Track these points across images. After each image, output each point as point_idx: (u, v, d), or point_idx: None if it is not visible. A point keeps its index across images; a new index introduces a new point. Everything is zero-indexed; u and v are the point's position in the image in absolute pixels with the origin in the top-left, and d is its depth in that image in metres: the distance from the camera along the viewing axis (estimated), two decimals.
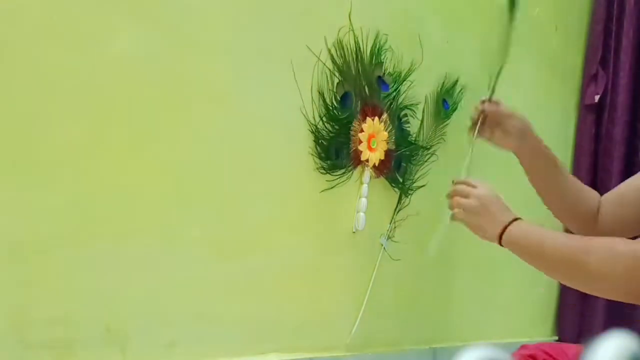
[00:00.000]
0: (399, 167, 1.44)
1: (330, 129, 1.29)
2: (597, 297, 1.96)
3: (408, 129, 1.45)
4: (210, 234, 1.13)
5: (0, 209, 0.91)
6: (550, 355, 1.18)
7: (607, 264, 0.93)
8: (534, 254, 1.05)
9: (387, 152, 1.39)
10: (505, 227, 1.08)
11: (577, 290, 2.08)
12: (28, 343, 0.93)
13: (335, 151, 1.31)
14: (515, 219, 1.09)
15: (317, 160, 1.28)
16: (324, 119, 1.28)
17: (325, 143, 1.29)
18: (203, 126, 1.12)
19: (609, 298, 1.03)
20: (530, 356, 1.18)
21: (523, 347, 1.26)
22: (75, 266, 0.97)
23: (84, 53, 0.98)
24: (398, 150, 1.43)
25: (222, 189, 1.15)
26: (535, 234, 1.05)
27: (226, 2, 1.14)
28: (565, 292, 2.03)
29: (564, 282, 1.08)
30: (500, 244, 1.09)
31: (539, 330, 1.98)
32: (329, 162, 1.30)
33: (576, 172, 2.04)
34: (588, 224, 1.26)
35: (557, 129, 2.02)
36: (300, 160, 1.26)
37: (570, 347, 1.24)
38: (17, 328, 0.92)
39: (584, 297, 2.00)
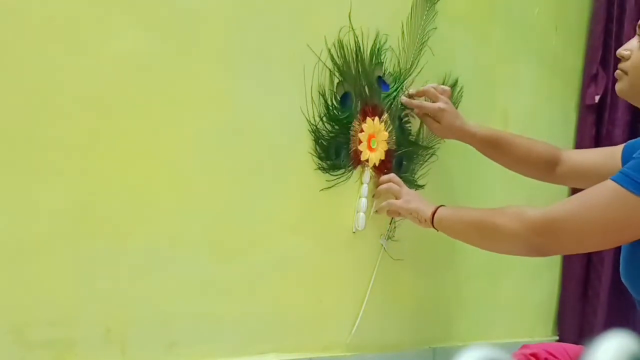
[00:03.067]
0: (400, 166, 1.44)
1: (330, 129, 1.29)
2: (597, 298, 1.96)
3: (409, 128, 1.45)
4: (210, 234, 1.13)
5: (0, 209, 0.91)
6: (552, 355, 1.18)
7: (512, 222, 1.13)
8: (458, 227, 1.26)
9: (388, 152, 1.39)
10: (435, 210, 1.27)
11: (578, 291, 2.08)
12: (28, 343, 0.93)
13: (335, 151, 1.31)
14: (441, 205, 1.29)
15: (317, 161, 1.28)
16: (324, 119, 1.28)
17: (325, 143, 1.29)
18: (203, 126, 1.12)
19: (514, 254, 1.22)
20: (532, 355, 1.18)
21: (524, 347, 1.26)
22: (75, 266, 0.97)
23: (84, 53, 0.97)
24: (399, 150, 1.43)
25: (222, 189, 1.15)
26: (457, 210, 1.28)
27: (226, 2, 1.14)
28: (565, 292, 2.03)
29: (481, 246, 1.26)
30: (432, 225, 1.27)
31: (540, 330, 1.98)
32: (329, 162, 1.30)
33: None
34: (542, 173, 1.45)
35: (557, 129, 2.02)
36: (300, 160, 1.26)
37: (572, 347, 1.24)
38: (17, 328, 0.92)
39: (585, 297, 2.00)
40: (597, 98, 2.01)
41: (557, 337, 2.01)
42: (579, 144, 2.05)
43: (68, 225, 0.97)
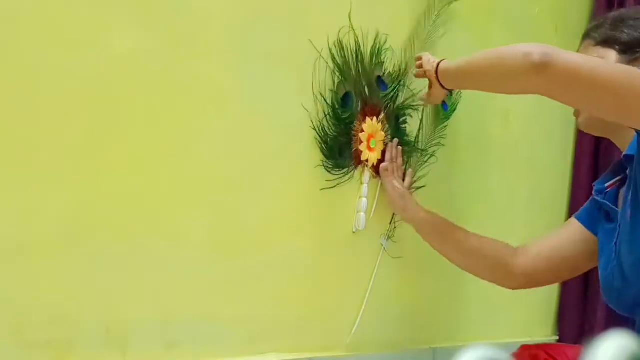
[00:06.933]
0: None
1: (333, 129, 1.29)
2: (597, 298, 1.96)
3: (404, 129, 1.45)
4: (210, 233, 1.13)
5: (0, 209, 0.91)
6: (551, 356, 1.18)
7: (516, 60, 1.07)
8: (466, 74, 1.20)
9: (385, 152, 1.39)
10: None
11: (578, 291, 2.08)
12: (28, 343, 0.93)
13: (338, 151, 1.31)
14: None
15: (319, 161, 1.28)
16: (327, 118, 1.28)
17: (328, 143, 1.29)
18: (203, 126, 1.12)
19: (520, 92, 1.21)
20: (531, 356, 1.18)
21: (523, 347, 1.26)
22: (75, 266, 0.97)
23: (83, 53, 0.97)
24: None
25: (223, 189, 1.15)
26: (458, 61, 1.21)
27: (226, 2, 1.14)
28: (566, 292, 2.03)
29: (489, 89, 1.27)
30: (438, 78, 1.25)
31: (539, 330, 1.98)
32: (331, 162, 1.30)
33: (576, 172, 2.04)
34: (494, 273, 1.33)
35: (557, 129, 2.02)
36: (300, 160, 1.26)
37: (571, 348, 1.24)
38: (17, 328, 0.92)
39: (585, 297, 2.00)
40: None
41: (557, 337, 2.01)
42: (579, 144, 2.05)
43: (68, 225, 0.97)
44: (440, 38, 1.48)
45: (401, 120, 1.44)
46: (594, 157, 2.04)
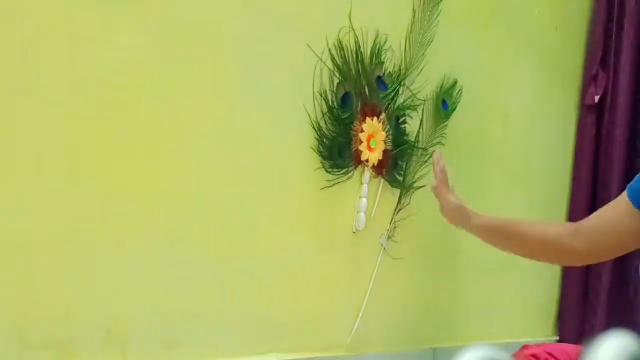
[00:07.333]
0: (396, 166, 1.44)
1: (332, 129, 1.29)
2: (597, 298, 1.96)
3: (404, 128, 1.45)
4: (210, 233, 1.13)
5: (0, 209, 0.91)
6: (552, 355, 1.18)
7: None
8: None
9: (385, 152, 1.39)
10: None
11: (578, 291, 2.08)
12: (28, 343, 0.93)
13: (338, 151, 1.31)
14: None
15: (319, 161, 1.28)
16: (326, 118, 1.28)
17: (327, 143, 1.29)
18: (203, 126, 1.12)
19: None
20: (532, 355, 1.18)
21: (524, 347, 1.26)
22: (75, 266, 0.97)
23: (83, 53, 0.97)
24: (394, 150, 1.42)
25: (223, 189, 1.15)
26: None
27: (226, 2, 1.14)
28: (566, 292, 2.03)
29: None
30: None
31: (540, 330, 1.98)
32: (331, 162, 1.30)
33: (577, 172, 2.04)
34: (559, 256, 1.35)
35: (557, 130, 2.02)
36: (300, 160, 1.26)
37: (572, 347, 1.24)
38: (18, 328, 0.92)
39: (585, 297, 2.00)
40: (597, 98, 2.01)
41: (557, 337, 2.01)
42: (579, 144, 2.05)
43: (68, 225, 0.97)
44: (432, 36, 1.47)
45: (401, 120, 1.44)
46: (594, 158, 2.04)
